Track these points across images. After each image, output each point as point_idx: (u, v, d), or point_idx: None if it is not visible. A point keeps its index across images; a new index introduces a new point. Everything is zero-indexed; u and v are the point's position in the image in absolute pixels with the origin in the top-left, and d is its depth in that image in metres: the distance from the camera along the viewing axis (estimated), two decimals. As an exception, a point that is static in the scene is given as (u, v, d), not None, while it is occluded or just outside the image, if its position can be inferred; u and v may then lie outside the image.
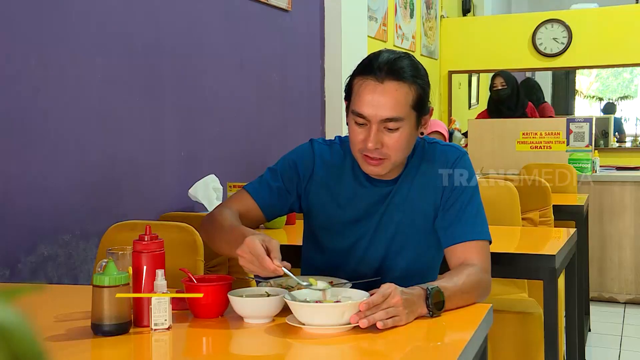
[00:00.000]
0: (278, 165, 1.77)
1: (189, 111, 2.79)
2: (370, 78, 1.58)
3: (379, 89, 1.57)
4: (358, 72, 1.62)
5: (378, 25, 4.93)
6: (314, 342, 1.32)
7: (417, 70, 1.61)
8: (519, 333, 2.68)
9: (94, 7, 2.29)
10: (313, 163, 1.74)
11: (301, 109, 3.74)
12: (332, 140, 1.80)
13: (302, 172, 1.74)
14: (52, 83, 2.13)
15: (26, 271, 2.03)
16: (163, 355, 1.37)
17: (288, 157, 1.77)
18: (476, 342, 1.35)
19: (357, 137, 1.61)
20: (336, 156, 1.75)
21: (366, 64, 1.61)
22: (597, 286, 4.95)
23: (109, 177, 2.35)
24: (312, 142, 1.78)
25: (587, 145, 4.81)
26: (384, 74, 1.56)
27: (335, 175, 1.73)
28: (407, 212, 1.69)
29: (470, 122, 5.27)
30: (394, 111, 1.57)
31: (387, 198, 1.70)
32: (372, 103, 1.57)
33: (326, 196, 1.73)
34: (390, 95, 1.56)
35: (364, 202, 1.71)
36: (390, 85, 1.57)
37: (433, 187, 1.69)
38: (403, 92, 1.57)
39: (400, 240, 1.70)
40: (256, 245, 1.43)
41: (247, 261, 1.44)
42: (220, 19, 3.01)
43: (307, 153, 1.76)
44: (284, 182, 1.73)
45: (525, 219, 3.28)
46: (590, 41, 6.11)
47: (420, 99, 1.61)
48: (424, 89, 1.62)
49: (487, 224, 1.70)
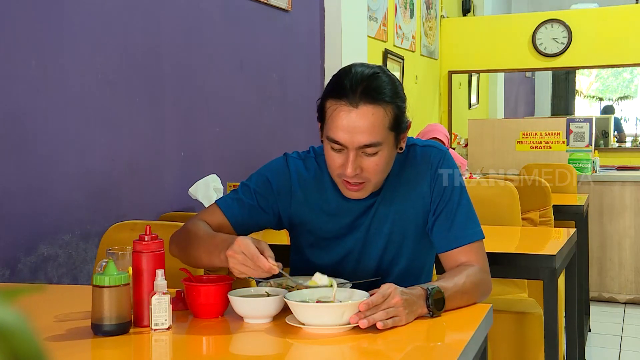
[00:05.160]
0: (251, 181, 1.69)
1: (189, 111, 2.79)
2: (343, 102, 1.49)
3: (353, 115, 1.48)
4: (330, 94, 1.53)
5: (378, 25, 4.93)
6: (314, 342, 1.32)
7: (393, 87, 1.53)
8: (519, 333, 2.68)
9: (94, 7, 2.29)
10: (290, 180, 1.67)
11: (301, 109, 3.73)
12: (306, 152, 1.72)
13: (277, 189, 1.67)
14: (52, 83, 2.13)
15: (26, 271, 2.03)
16: (163, 355, 1.37)
17: (261, 173, 1.70)
18: (476, 342, 1.35)
19: (335, 162, 1.54)
20: (312, 170, 1.69)
21: (338, 84, 1.51)
22: (597, 286, 4.95)
23: (109, 177, 2.35)
24: (286, 157, 1.71)
25: (587, 145, 4.81)
26: (358, 97, 1.48)
27: (315, 192, 1.67)
28: (396, 222, 1.65)
29: (470, 122, 5.27)
30: (372, 137, 1.49)
31: (371, 209, 1.65)
32: (347, 129, 1.48)
33: (309, 214, 1.67)
34: (367, 121, 1.48)
35: (348, 217, 1.66)
36: (366, 109, 1.48)
37: (420, 193, 1.64)
38: (379, 115, 1.49)
39: (393, 250, 1.67)
40: (249, 245, 1.40)
41: (238, 262, 1.40)
42: (220, 19, 3.01)
43: (281, 169, 1.69)
44: (257, 200, 1.66)
45: (525, 219, 3.28)
46: (590, 41, 6.11)
47: (397, 118, 1.53)
48: (400, 107, 1.54)
49: (479, 221, 1.67)
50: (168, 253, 1.50)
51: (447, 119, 6.54)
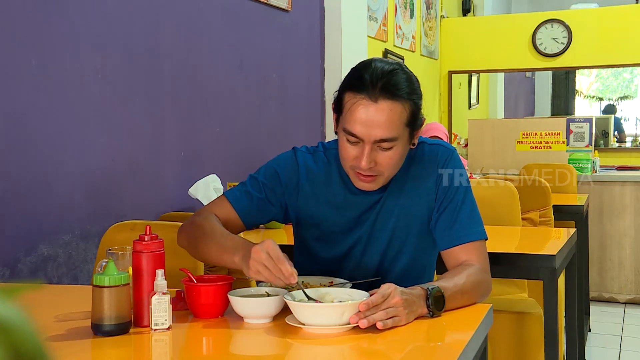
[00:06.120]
0: (260, 174, 1.70)
1: (189, 111, 2.79)
2: (362, 96, 1.50)
3: (372, 109, 1.50)
4: (349, 87, 1.55)
5: (378, 25, 4.93)
6: (314, 342, 1.32)
7: (411, 84, 1.55)
8: (519, 333, 2.68)
9: (94, 7, 2.29)
10: (297, 173, 1.69)
11: (301, 109, 3.73)
12: (315, 147, 1.74)
13: (285, 182, 1.69)
14: (52, 83, 2.13)
15: (26, 271, 2.03)
16: (163, 355, 1.37)
17: (270, 166, 1.71)
18: (476, 342, 1.35)
19: (349, 153, 1.56)
20: (321, 165, 1.70)
21: (357, 77, 1.53)
22: (597, 286, 4.95)
23: (109, 177, 2.35)
24: (295, 150, 1.73)
25: (587, 145, 4.81)
26: (378, 92, 1.50)
27: (322, 185, 1.69)
28: (401, 217, 1.66)
29: (470, 122, 5.27)
30: (389, 132, 1.51)
31: (378, 204, 1.66)
32: (365, 123, 1.50)
33: (315, 207, 1.69)
34: (385, 116, 1.50)
35: (354, 210, 1.67)
36: (384, 104, 1.50)
37: (425, 189, 1.66)
38: (397, 111, 1.51)
39: (396, 246, 1.68)
40: (276, 248, 1.39)
41: (260, 261, 1.38)
42: (220, 19, 3.01)
43: (290, 163, 1.70)
44: (265, 193, 1.68)
45: (525, 219, 3.28)
46: (590, 41, 6.11)
47: (413, 115, 1.55)
48: (417, 103, 1.56)
49: (482, 221, 1.68)
50: (168, 253, 1.50)
51: (447, 119, 6.54)
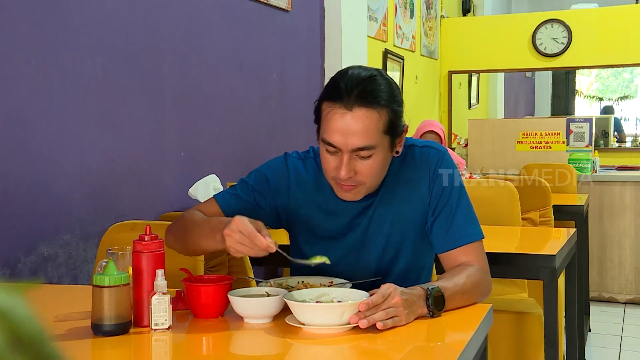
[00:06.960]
0: (250, 178, 1.71)
1: (189, 111, 2.79)
2: (338, 104, 1.50)
3: (347, 117, 1.49)
4: (326, 97, 1.54)
5: (378, 25, 4.93)
6: (314, 342, 1.32)
7: (390, 91, 1.53)
8: (519, 333, 2.68)
9: (94, 6, 2.29)
10: (288, 179, 1.69)
11: (301, 109, 3.73)
12: (306, 152, 1.74)
13: (275, 187, 1.69)
14: (52, 83, 2.13)
15: (26, 271, 2.03)
16: (163, 355, 1.37)
17: (260, 171, 1.72)
18: (476, 342, 1.35)
19: (329, 164, 1.55)
20: (311, 171, 1.70)
21: (334, 87, 1.52)
22: (597, 286, 4.95)
23: (109, 177, 2.35)
24: (286, 156, 1.73)
25: (587, 145, 4.82)
26: (353, 100, 1.48)
27: (313, 191, 1.68)
28: (395, 223, 1.65)
29: (470, 122, 5.27)
30: (365, 140, 1.50)
31: (370, 209, 1.65)
32: (342, 132, 1.49)
33: (307, 212, 1.69)
34: (360, 123, 1.49)
35: (345, 216, 1.66)
36: (360, 112, 1.49)
37: (418, 193, 1.65)
38: (373, 118, 1.49)
39: (392, 251, 1.67)
40: (246, 223, 1.40)
41: (235, 241, 1.40)
42: (220, 19, 3.01)
43: (280, 168, 1.71)
44: (255, 197, 1.68)
45: (525, 219, 3.28)
46: (590, 41, 6.11)
47: (392, 122, 1.53)
48: (395, 111, 1.54)
49: (478, 221, 1.67)
50: (168, 253, 1.50)
51: (447, 119, 6.54)
